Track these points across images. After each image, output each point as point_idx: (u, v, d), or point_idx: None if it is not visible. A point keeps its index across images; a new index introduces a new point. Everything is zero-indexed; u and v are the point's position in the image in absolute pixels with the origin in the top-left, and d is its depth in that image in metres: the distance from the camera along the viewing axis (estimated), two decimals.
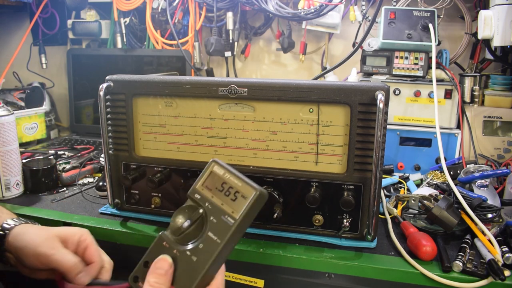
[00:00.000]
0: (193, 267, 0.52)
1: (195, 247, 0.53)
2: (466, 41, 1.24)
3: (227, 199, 0.54)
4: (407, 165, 1.15)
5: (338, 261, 0.72)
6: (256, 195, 0.53)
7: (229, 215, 0.53)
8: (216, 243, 0.53)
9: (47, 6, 1.55)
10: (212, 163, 0.57)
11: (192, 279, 0.52)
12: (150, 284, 0.51)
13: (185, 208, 0.56)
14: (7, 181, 0.96)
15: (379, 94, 0.68)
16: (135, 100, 0.83)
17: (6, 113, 0.95)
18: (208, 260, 0.52)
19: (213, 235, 0.53)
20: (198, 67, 1.52)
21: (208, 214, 0.54)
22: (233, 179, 0.55)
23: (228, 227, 0.53)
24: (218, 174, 0.56)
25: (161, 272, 0.52)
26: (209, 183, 0.56)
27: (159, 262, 0.53)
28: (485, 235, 0.74)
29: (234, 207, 0.53)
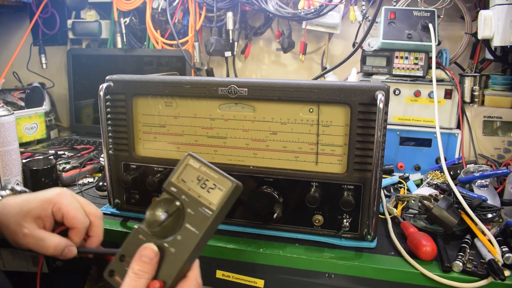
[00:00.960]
0: (172, 258, 0.54)
1: (173, 239, 0.54)
2: (466, 41, 1.24)
3: (204, 191, 0.56)
4: (407, 165, 1.15)
5: (338, 261, 0.72)
6: (233, 187, 0.55)
7: (206, 206, 0.55)
8: (194, 234, 0.54)
9: (47, 6, 1.55)
10: (187, 157, 0.58)
11: (172, 270, 0.53)
12: (134, 271, 0.52)
13: (160, 202, 0.57)
14: (7, 181, 0.96)
15: (379, 94, 0.68)
16: (135, 100, 0.83)
17: (6, 113, 0.95)
18: (187, 251, 0.53)
19: (191, 227, 0.55)
20: (198, 67, 1.52)
21: (185, 207, 0.56)
22: (209, 172, 0.56)
23: (206, 218, 0.54)
24: (194, 167, 0.57)
25: (146, 260, 0.52)
26: (185, 176, 0.57)
27: (145, 250, 0.53)
28: (485, 235, 0.74)
29: (211, 199, 0.55)
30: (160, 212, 0.56)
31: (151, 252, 0.53)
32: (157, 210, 0.56)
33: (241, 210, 0.80)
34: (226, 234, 0.81)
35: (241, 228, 0.82)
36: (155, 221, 0.55)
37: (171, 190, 0.57)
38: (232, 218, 0.82)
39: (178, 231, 0.55)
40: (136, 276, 0.51)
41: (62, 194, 0.66)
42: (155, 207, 0.56)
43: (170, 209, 0.56)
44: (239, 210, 0.81)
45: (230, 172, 0.79)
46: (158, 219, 0.55)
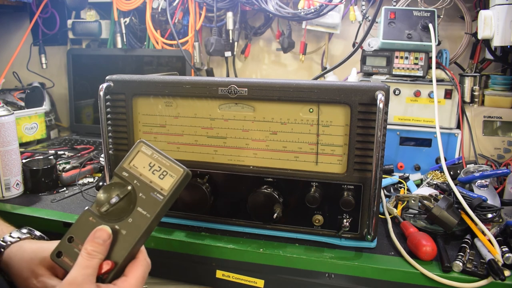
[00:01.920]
0: (123, 240, 0.56)
1: (125, 222, 0.57)
2: (466, 41, 1.24)
3: (155, 177, 0.58)
4: (407, 165, 1.15)
5: (338, 261, 0.72)
6: (183, 174, 0.58)
7: (158, 192, 0.58)
8: (146, 218, 0.57)
9: (47, 6, 1.55)
10: (139, 144, 0.60)
11: (123, 251, 0.56)
12: (87, 252, 0.53)
13: (111, 185, 0.59)
14: (7, 181, 0.96)
15: (379, 94, 0.68)
16: (135, 100, 0.83)
17: (6, 113, 0.95)
18: (138, 233, 0.56)
19: (142, 210, 0.57)
20: (198, 67, 1.52)
21: (136, 191, 0.58)
22: (161, 159, 0.59)
23: (158, 202, 0.57)
24: (146, 154, 0.60)
25: (99, 242, 0.54)
26: (137, 162, 0.59)
27: (98, 232, 0.55)
28: (485, 235, 0.74)
29: (162, 184, 0.58)
30: (111, 195, 0.58)
31: (104, 234, 0.55)
32: (108, 193, 0.58)
33: (241, 210, 0.80)
34: (226, 234, 0.81)
35: (241, 228, 0.82)
36: (106, 204, 0.57)
37: (122, 175, 0.59)
38: (232, 218, 0.82)
39: (129, 214, 0.57)
40: (89, 256, 0.53)
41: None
42: (106, 190, 0.58)
43: (122, 192, 0.58)
44: (239, 210, 0.81)
45: (230, 172, 0.80)
46: (109, 202, 0.57)
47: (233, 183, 0.80)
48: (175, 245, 0.80)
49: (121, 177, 0.59)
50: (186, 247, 0.79)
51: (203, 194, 0.79)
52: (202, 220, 0.84)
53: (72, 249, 0.56)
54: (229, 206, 0.81)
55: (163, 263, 0.83)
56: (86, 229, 0.56)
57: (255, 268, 0.77)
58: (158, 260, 0.83)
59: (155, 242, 0.81)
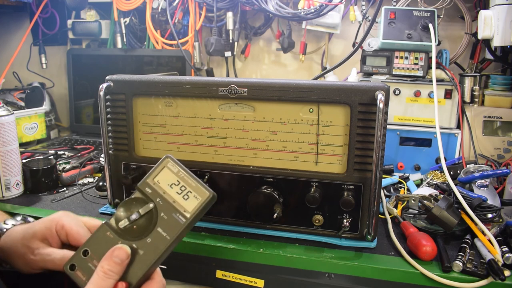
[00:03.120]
0: (139, 260, 0.53)
1: (143, 241, 0.54)
2: (466, 41, 1.24)
3: (179, 197, 0.55)
4: (407, 165, 1.15)
5: (338, 261, 0.72)
6: (209, 197, 0.55)
7: (180, 213, 0.55)
8: (165, 239, 0.54)
9: (47, 6, 1.55)
10: (166, 159, 0.57)
11: (138, 272, 0.53)
12: (104, 271, 0.51)
13: (132, 200, 0.56)
14: (7, 181, 0.96)
15: (379, 94, 0.68)
16: (135, 100, 0.83)
17: (6, 113, 0.95)
18: (155, 255, 0.54)
19: (162, 231, 0.54)
20: (198, 67, 1.52)
21: (158, 210, 0.55)
22: (187, 178, 0.56)
23: (179, 225, 0.54)
24: (172, 171, 0.57)
25: (117, 261, 0.52)
26: (161, 179, 0.57)
27: (117, 251, 0.53)
28: (485, 235, 0.74)
29: (186, 206, 0.55)
30: (132, 211, 0.55)
31: (123, 253, 0.53)
32: (129, 208, 0.56)
33: (241, 210, 0.80)
34: (226, 234, 0.81)
35: (241, 228, 0.82)
36: (126, 220, 0.55)
37: (145, 191, 0.57)
38: (232, 218, 0.82)
39: (148, 233, 0.55)
40: (106, 276, 0.51)
41: (64, 213, 0.67)
42: (127, 205, 0.56)
43: (143, 210, 0.56)
44: (239, 210, 0.81)
45: (230, 172, 0.80)
46: (129, 218, 0.55)
47: (233, 183, 0.80)
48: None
49: (144, 193, 0.56)
50: (186, 247, 0.79)
51: None
52: (202, 220, 0.83)
53: (86, 264, 0.54)
54: (229, 206, 0.81)
55: (163, 263, 0.83)
56: (103, 244, 0.54)
57: (255, 268, 0.77)
58: None
59: None
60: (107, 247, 0.53)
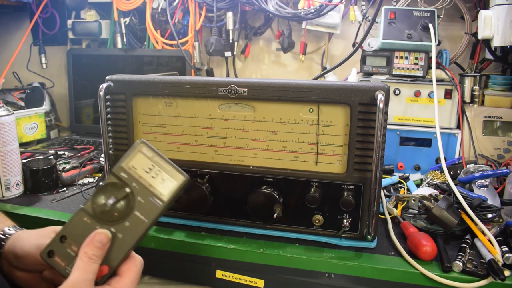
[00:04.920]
0: (119, 243, 0.55)
1: (121, 225, 0.55)
2: (466, 41, 1.24)
3: (155, 181, 0.57)
4: (407, 165, 1.15)
5: (338, 261, 0.72)
6: (185, 180, 0.57)
7: (157, 197, 0.56)
8: (143, 222, 0.56)
9: (47, 6, 1.55)
10: (140, 144, 0.58)
11: (118, 255, 0.55)
12: (88, 256, 0.52)
13: (108, 186, 0.57)
14: (7, 181, 0.96)
15: (379, 94, 0.68)
16: (135, 100, 0.83)
17: (6, 113, 0.95)
18: (135, 238, 0.55)
19: (140, 215, 0.56)
20: (198, 67, 1.52)
21: (135, 194, 0.56)
22: (162, 162, 0.57)
23: (157, 208, 0.56)
24: (147, 156, 0.57)
25: (99, 246, 0.53)
26: (136, 163, 0.57)
27: (98, 235, 0.54)
28: (485, 235, 0.74)
29: (162, 190, 0.56)
30: (109, 196, 0.56)
31: (104, 238, 0.54)
32: (105, 194, 0.56)
33: (241, 210, 0.80)
34: (226, 234, 0.81)
35: (241, 228, 0.82)
36: (103, 205, 0.56)
37: (121, 176, 0.57)
38: (232, 218, 0.82)
39: (126, 217, 0.56)
40: (90, 261, 0.52)
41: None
42: (103, 191, 0.56)
43: (120, 194, 0.56)
44: (239, 210, 0.81)
45: (230, 172, 0.80)
46: (105, 203, 0.56)
47: (233, 183, 0.80)
48: (175, 245, 0.80)
49: (119, 178, 0.57)
50: (186, 247, 0.79)
51: (203, 194, 0.79)
52: (202, 220, 0.84)
53: (64, 249, 0.55)
54: (229, 206, 0.81)
55: (163, 263, 0.83)
56: (80, 230, 0.55)
57: (255, 268, 0.77)
58: (158, 260, 0.83)
59: (155, 242, 0.81)
60: (85, 232, 0.54)
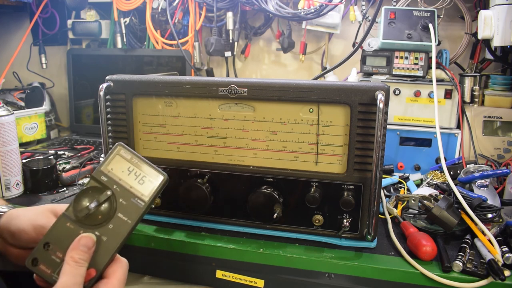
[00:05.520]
0: (104, 246, 0.56)
1: (105, 228, 0.56)
2: (466, 41, 1.24)
3: (135, 183, 0.58)
4: (407, 165, 1.15)
5: (338, 261, 0.72)
6: (164, 180, 0.59)
7: (138, 197, 0.58)
8: (126, 224, 0.57)
9: (47, 6, 1.55)
10: (118, 147, 0.59)
11: (104, 258, 0.55)
12: (75, 260, 0.53)
13: (89, 190, 0.58)
14: (7, 181, 0.96)
15: (379, 94, 0.68)
16: (135, 100, 0.83)
17: (6, 113, 0.95)
18: (119, 240, 0.56)
19: (123, 216, 0.57)
20: (198, 67, 1.52)
21: (117, 196, 0.57)
22: (140, 164, 0.59)
23: (139, 208, 0.57)
24: (125, 158, 0.59)
25: (84, 250, 0.54)
26: (115, 166, 0.58)
27: (83, 239, 0.55)
28: (485, 235, 0.74)
29: (142, 190, 0.58)
30: (90, 201, 0.57)
31: (89, 241, 0.55)
32: (87, 198, 0.57)
33: (241, 210, 0.80)
34: (226, 234, 0.81)
35: (241, 228, 0.82)
36: (84, 209, 0.56)
37: (101, 179, 0.58)
38: (232, 218, 0.82)
39: (109, 220, 0.57)
40: (77, 265, 0.53)
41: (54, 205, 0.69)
42: (84, 195, 0.57)
43: (101, 197, 0.57)
44: (239, 210, 0.81)
45: (230, 172, 0.80)
46: (87, 207, 0.56)
47: (233, 183, 0.80)
48: (175, 245, 0.80)
49: (100, 181, 0.58)
50: (186, 247, 0.79)
51: (203, 194, 0.78)
52: (202, 220, 0.84)
53: (49, 256, 0.55)
54: (229, 206, 0.81)
55: (163, 263, 0.83)
56: (64, 236, 0.55)
57: (255, 268, 0.77)
58: (158, 260, 0.83)
59: (155, 242, 0.81)
60: (69, 238, 0.55)
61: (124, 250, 0.83)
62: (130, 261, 0.86)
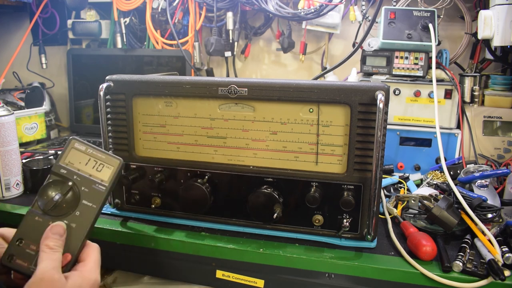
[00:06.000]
0: (75, 232, 0.60)
1: (72, 216, 0.61)
2: (466, 41, 1.24)
3: (94, 171, 0.63)
4: (407, 165, 1.15)
5: (338, 261, 0.72)
6: (120, 164, 0.64)
7: (99, 183, 0.63)
8: (92, 209, 0.62)
9: (47, 6, 1.55)
10: (71, 141, 0.64)
11: (77, 242, 0.60)
12: (49, 247, 0.57)
13: (51, 184, 0.62)
14: (7, 181, 0.96)
15: (379, 94, 0.68)
16: (135, 100, 0.83)
17: (6, 113, 0.95)
18: (88, 224, 0.61)
19: (88, 202, 0.62)
20: (198, 67, 1.52)
21: (78, 185, 0.62)
22: (96, 152, 0.63)
23: (101, 193, 0.62)
24: (80, 150, 0.63)
25: (57, 237, 0.58)
26: (73, 159, 0.63)
27: (54, 228, 0.59)
28: (485, 235, 0.74)
29: (101, 176, 0.63)
30: (53, 194, 0.61)
31: (60, 228, 0.59)
32: (50, 192, 0.61)
33: (241, 210, 0.80)
34: (226, 234, 0.81)
35: (241, 228, 0.82)
36: (50, 202, 0.60)
37: (61, 173, 0.62)
38: (232, 218, 0.82)
39: (75, 208, 0.61)
40: (53, 251, 0.57)
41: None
42: (47, 189, 0.61)
43: (63, 189, 0.61)
44: (239, 210, 0.81)
45: (230, 172, 0.80)
46: (52, 199, 0.60)
47: (233, 183, 0.80)
48: (175, 245, 0.80)
49: (60, 175, 0.62)
50: (186, 247, 0.79)
51: (203, 194, 0.79)
52: (202, 220, 0.84)
53: (24, 251, 0.58)
54: (229, 206, 0.81)
55: (163, 263, 0.83)
56: (35, 229, 0.59)
57: (255, 268, 0.77)
58: (158, 260, 0.83)
59: (155, 242, 0.81)
60: (40, 230, 0.58)
61: (124, 250, 0.84)
62: (130, 261, 0.87)
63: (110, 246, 0.82)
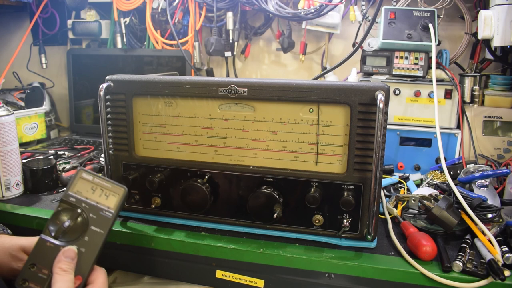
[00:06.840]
0: (84, 256, 0.63)
1: (82, 241, 0.64)
2: (466, 41, 1.24)
3: (101, 198, 0.67)
4: (407, 165, 1.15)
5: (338, 261, 0.72)
6: (125, 192, 0.67)
7: (106, 210, 0.66)
8: (100, 234, 0.65)
9: (47, 6, 1.55)
10: (79, 172, 0.68)
11: (87, 266, 0.63)
12: (63, 269, 0.60)
13: (60, 211, 0.66)
14: (7, 181, 0.96)
15: (379, 94, 0.68)
16: (135, 100, 0.83)
17: (6, 113, 0.95)
18: (97, 248, 0.64)
19: (96, 228, 0.65)
20: (198, 67, 1.52)
21: (87, 212, 0.66)
22: (102, 181, 0.67)
23: (108, 219, 0.66)
24: (87, 180, 0.67)
25: (69, 260, 0.62)
26: (81, 188, 0.67)
27: (66, 252, 0.62)
28: (485, 235, 0.74)
29: (108, 204, 0.66)
30: (64, 220, 0.65)
31: (72, 252, 0.62)
32: (60, 219, 0.65)
33: (241, 210, 0.80)
34: (226, 234, 0.81)
35: (241, 228, 0.82)
36: (60, 228, 0.64)
37: (70, 201, 0.66)
38: (232, 218, 0.82)
39: (84, 233, 0.65)
40: (66, 273, 0.60)
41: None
42: (57, 217, 0.65)
43: (73, 216, 0.65)
44: (239, 210, 0.81)
45: (230, 172, 0.80)
46: (62, 225, 0.64)
47: (233, 183, 0.80)
48: (175, 245, 0.80)
49: (69, 203, 0.66)
50: (186, 247, 0.79)
51: (203, 194, 0.79)
52: (202, 220, 0.84)
53: (36, 275, 0.62)
54: (229, 206, 0.81)
55: (163, 263, 0.83)
56: (47, 254, 0.62)
57: (255, 268, 0.77)
58: (158, 260, 0.83)
59: (155, 242, 0.81)
60: (52, 255, 0.62)
61: (124, 250, 0.84)
62: (130, 261, 0.87)
63: (110, 246, 0.82)
